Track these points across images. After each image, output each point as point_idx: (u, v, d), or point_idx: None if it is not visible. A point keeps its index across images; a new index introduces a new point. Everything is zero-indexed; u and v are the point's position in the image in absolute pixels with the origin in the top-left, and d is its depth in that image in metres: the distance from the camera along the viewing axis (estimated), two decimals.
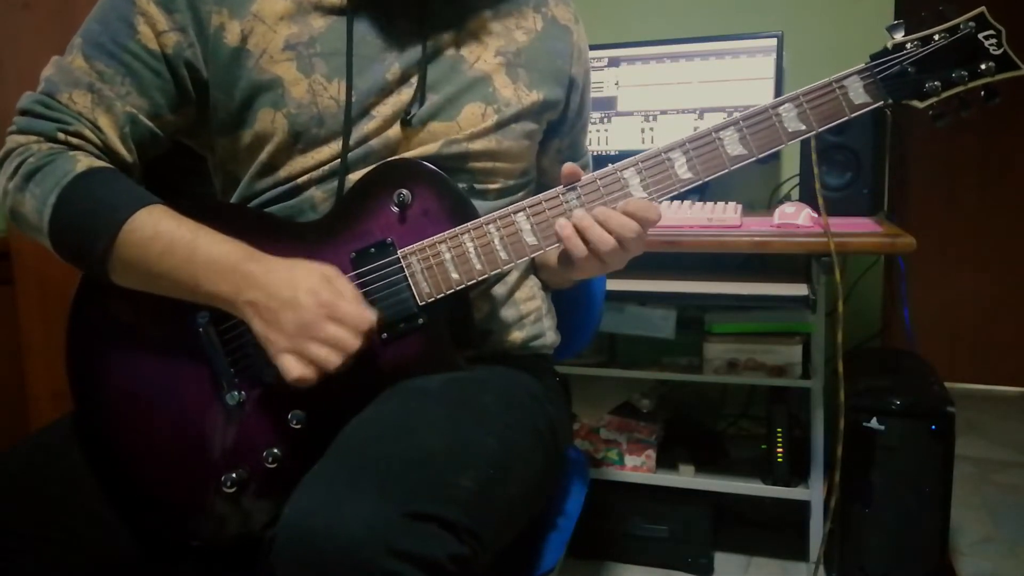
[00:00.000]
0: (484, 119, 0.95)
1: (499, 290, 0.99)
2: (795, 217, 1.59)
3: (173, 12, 0.88)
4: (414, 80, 0.92)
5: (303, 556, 0.65)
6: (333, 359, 0.80)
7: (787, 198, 1.98)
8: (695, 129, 1.94)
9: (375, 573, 0.63)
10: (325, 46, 0.90)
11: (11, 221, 0.89)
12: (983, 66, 0.86)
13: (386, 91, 0.92)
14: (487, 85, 0.95)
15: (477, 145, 0.95)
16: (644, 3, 2.13)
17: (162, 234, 0.83)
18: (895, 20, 0.88)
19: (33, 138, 0.87)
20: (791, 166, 2.01)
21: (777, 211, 1.64)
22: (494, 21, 0.97)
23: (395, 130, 0.92)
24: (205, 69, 0.90)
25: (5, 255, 1.70)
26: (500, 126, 0.96)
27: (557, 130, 1.07)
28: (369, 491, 0.67)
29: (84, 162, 0.85)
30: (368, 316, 0.82)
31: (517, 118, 0.97)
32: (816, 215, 1.58)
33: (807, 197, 1.71)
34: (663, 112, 1.93)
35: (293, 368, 0.80)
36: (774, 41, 1.85)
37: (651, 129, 1.93)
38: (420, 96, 0.92)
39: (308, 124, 0.90)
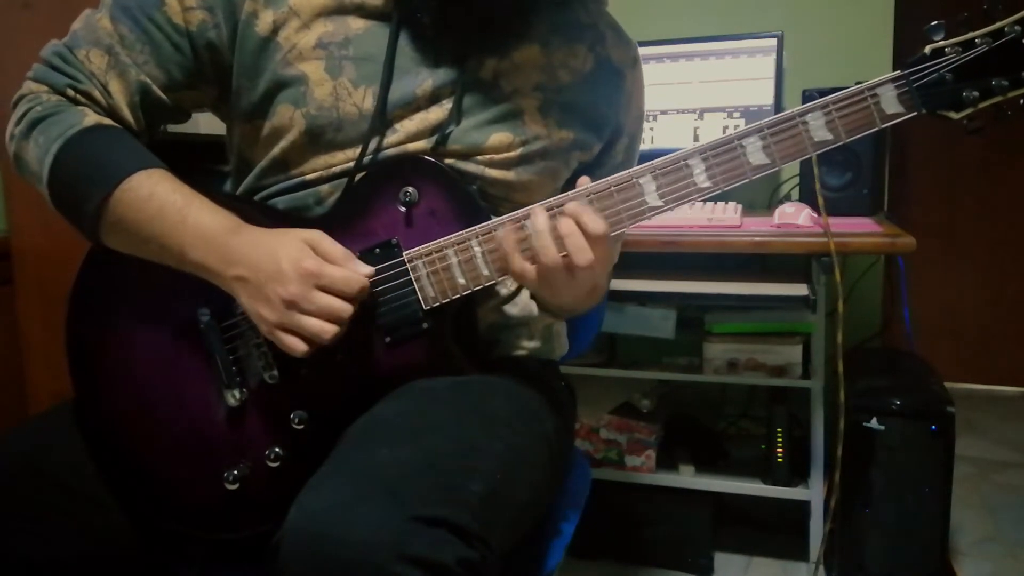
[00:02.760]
0: (509, 149, 0.92)
1: (512, 310, 0.97)
2: (795, 217, 1.59)
3: None
4: (445, 101, 0.89)
5: (311, 559, 0.65)
6: (327, 329, 0.79)
7: (787, 198, 1.98)
8: (695, 129, 1.95)
9: None
10: (359, 50, 0.88)
11: (13, 166, 0.90)
12: None
13: (413, 106, 0.89)
14: (518, 118, 0.92)
15: (494, 173, 0.92)
16: (644, 4, 2.13)
17: (156, 196, 0.83)
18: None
19: (44, 87, 0.88)
20: (791, 166, 2.01)
21: (777, 211, 1.64)
22: (541, 56, 0.93)
23: (416, 146, 0.89)
24: (229, 53, 0.89)
25: (5, 255, 1.70)
26: (524, 159, 0.93)
27: (595, 174, 1.00)
28: (378, 495, 0.67)
29: (92, 117, 0.86)
30: (357, 277, 0.80)
31: (543, 154, 0.94)
32: (816, 215, 1.58)
33: (807, 197, 1.71)
34: (663, 112, 1.92)
35: (297, 346, 0.80)
36: (774, 41, 1.85)
37: (651, 129, 1.93)
38: (456, 120, 0.89)
39: (326, 127, 0.88)
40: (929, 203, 3.09)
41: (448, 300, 0.85)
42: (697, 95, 1.90)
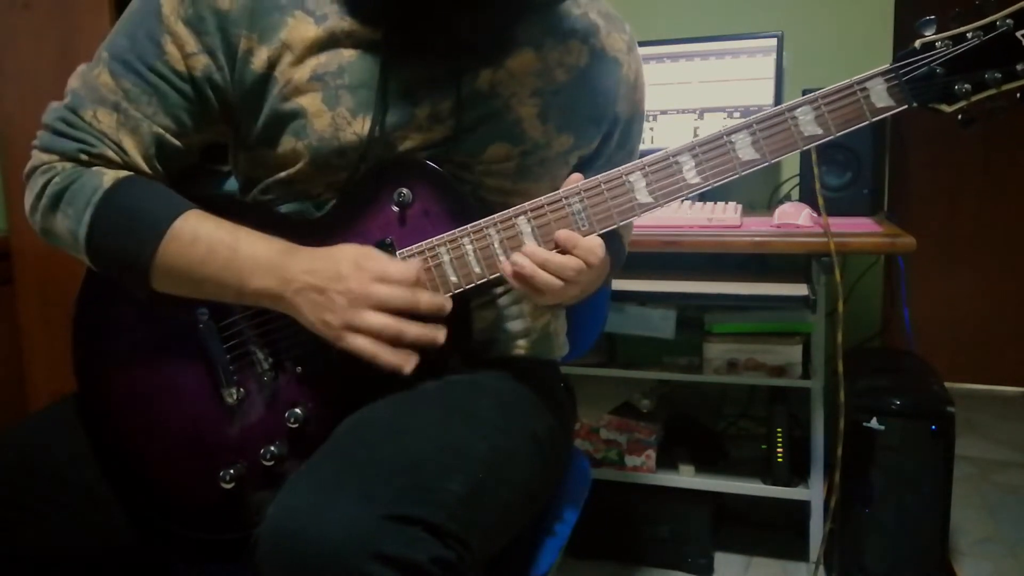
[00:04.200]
0: (507, 159, 0.92)
1: (505, 300, 0.98)
2: (795, 217, 1.59)
3: (202, 34, 0.85)
4: (444, 117, 0.89)
5: (286, 557, 0.65)
6: (388, 324, 0.78)
7: (787, 198, 1.98)
8: (695, 129, 1.95)
9: None
10: (353, 78, 0.87)
11: (41, 238, 0.89)
12: (1019, 67, 0.78)
13: (413, 127, 0.89)
14: (516, 126, 0.92)
15: (491, 181, 0.92)
16: (644, 4, 2.13)
17: (202, 239, 0.83)
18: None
19: (55, 157, 0.86)
20: (791, 166, 2.01)
21: (777, 211, 1.64)
22: (536, 59, 0.93)
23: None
24: (232, 91, 0.88)
25: (5, 255, 1.70)
26: (521, 168, 0.93)
27: (592, 163, 1.02)
28: (354, 493, 0.67)
29: (110, 175, 0.85)
30: (411, 266, 0.81)
31: (542, 161, 0.94)
32: (816, 215, 1.58)
33: (807, 197, 1.70)
34: (663, 112, 1.92)
35: (364, 347, 0.78)
36: (774, 41, 1.85)
37: (651, 129, 1.93)
38: (454, 135, 0.89)
39: (329, 157, 0.88)
40: (929, 203, 3.09)
41: None
42: (697, 95, 1.90)
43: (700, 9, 2.09)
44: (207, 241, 0.82)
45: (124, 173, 0.86)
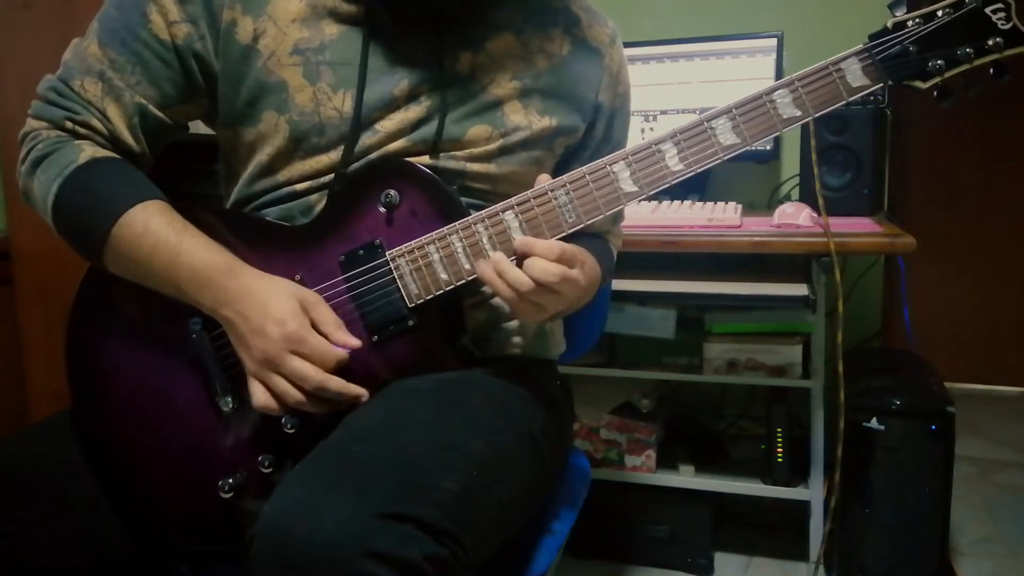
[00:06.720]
0: (488, 142, 0.93)
1: (499, 300, 0.98)
2: (795, 217, 1.59)
3: (185, 3, 0.88)
4: (423, 99, 0.91)
5: (280, 557, 0.65)
6: (294, 394, 0.81)
7: (787, 198, 1.98)
8: None
9: (351, 574, 0.63)
10: (334, 54, 0.89)
11: (24, 202, 0.92)
12: (990, 42, 0.81)
13: (392, 106, 0.90)
14: (497, 110, 0.93)
15: (476, 167, 0.93)
16: (644, 3, 2.13)
17: (150, 233, 0.84)
18: None
19: (44, 124, 0.89)
20: (791, 166, 2.01)
21: (777, 211, 1.64)
22: (516, 44, 0.95)
23: (396, 145, 0.91)
24: (215, 62, 0.90)
25: (5, 255, 1.70)
26: (504, 151, 0.94)
27: (579, 155, 1.03)
28: (347, 492, 0.67)
29: (88, 152, 0.87)
30: (334, 353, 0.82)
31: (524, 144, 0.95)
32: (816, 215, 1.58)
33: (807, 197, 1.70)
34: (663, 112, 1.92)
35: (258, 396, 0.82)
36: (774, 41, 1.85)
37: (651, 129, 1.93)
38: (440, 122, 0.90)
39: (309, 132, 0.89)
40: (929, 203, 3.09)
41: (432, 296, 0.86)
42: (697, 95, 1.90)
43: (700, 9, 2.09)
44: (154, 238, 0.84)
45: (104, 152, 0.88)
